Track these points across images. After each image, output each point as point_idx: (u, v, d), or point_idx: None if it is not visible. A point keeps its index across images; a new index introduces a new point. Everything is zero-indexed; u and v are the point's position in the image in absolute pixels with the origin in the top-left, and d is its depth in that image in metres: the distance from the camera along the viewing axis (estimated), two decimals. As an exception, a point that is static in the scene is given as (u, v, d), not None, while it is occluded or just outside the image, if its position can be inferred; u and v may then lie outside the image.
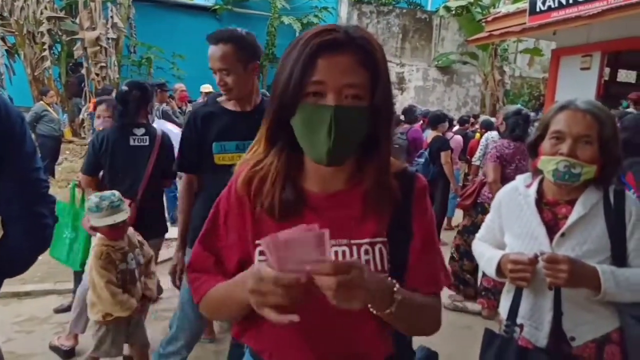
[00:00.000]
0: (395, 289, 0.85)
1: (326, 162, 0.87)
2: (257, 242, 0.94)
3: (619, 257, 1.40)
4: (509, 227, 1.59)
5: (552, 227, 1.47)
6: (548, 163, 1.43)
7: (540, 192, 1.54)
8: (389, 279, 0.87)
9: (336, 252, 0.92)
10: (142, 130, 2.83)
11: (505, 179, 3.52)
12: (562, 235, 1.43)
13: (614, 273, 1.35)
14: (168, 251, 4.81)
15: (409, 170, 1.02)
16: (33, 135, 1.42)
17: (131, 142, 2.79)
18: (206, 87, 7.74)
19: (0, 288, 1.29)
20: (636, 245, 1.40)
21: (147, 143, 2.82)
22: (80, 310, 2.83)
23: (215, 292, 0.96)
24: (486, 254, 1.65)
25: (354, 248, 0.93)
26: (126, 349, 2.76)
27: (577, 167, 1.38)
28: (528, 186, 1.57)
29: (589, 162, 1.38)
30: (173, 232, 4.87)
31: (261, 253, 0.93)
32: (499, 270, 1.55)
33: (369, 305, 0.82)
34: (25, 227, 1.20)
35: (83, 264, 2.87)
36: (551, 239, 1.44)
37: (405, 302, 0.85)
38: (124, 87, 2.89)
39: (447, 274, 1.04)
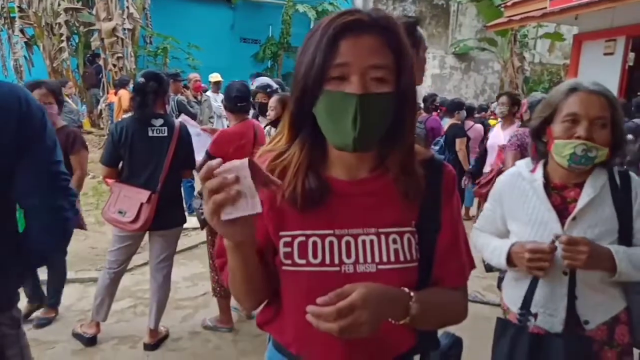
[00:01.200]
0: (411, 302, 0.84)
1: (352, 149, 0.84)
2: (281, 233, 0.93)
3: (626, 237, 1.40)
4: (514, 215, 1.55)
5: (561, 212, 1.44)
6: (564, 147, 1.39)
7: (546, 176, 1.51)
8: (406, 290, 0.86)
9: (364, 241, 0.91)
10: (160, 121, 2.83)
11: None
12: (574, 219, 1.41)
13: (627, 252, 1.35)
14: (188, 240, 4.87)
15: (436, 159, 0.99)
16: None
17: (150, 133, 2.80)
18: (214, 77, 7.71)
19: (24, 280, 1.31)
20: None
21: (165, 134, 2.83)
22: (102, 298, 2.89)
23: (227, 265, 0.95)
24: (491, 244, 1.61)
25: (382, 237, 0.91)
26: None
27: (594, 151, 1.36)
28: (532, 171, 1.54)
29: (603, 144, 1.37)
30: (191, 221, 4.93)
31: (286, 244, 0.92)
32: (509, 259, 1.51)
33: None
34: (45, 220, 1.22)
35: None
36: (562, 224, 1.43)
37: (423, 309, 0.85)
38: (141, 79, 2.90)
39: (472, 260, 1.03)
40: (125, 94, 7.33)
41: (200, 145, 3.25)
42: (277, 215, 0.93)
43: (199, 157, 3.08)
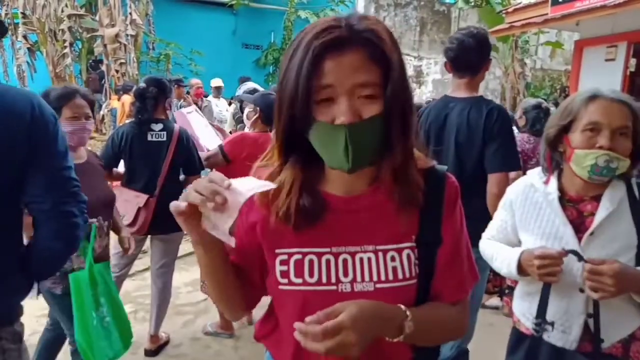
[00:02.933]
0: (405, 321, 0.82)
1: (348, 172, 0.83)
2: (276, 251, 0.92)
3: None
4: (526, 227, 1.50)
5: (578, 226, 1.39)
6: (585, 158, 1.32)
7: (560, 188, 1.45)
8: (402, 308, 0.84)
9: (362, 259, 0.88)
10: (159, 126, 2.85)
11: (526, 174, 3.48)
12: (592, 234, 1.36)
13: None
14: (189, 245, 4.86)
15: (438, 169, 0.94)
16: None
17: (149, 138, 2.82)
18: (216, 82, 7.69)
19: (31, 290, 1.30)
20: None
21: (164, 139, 2.84)
22: None
23: None
24: (501, 253, 1.56)
25: (380, 254, 0.88)
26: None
27: (615, 162, 1.30)
28: (545, 182, 1.48)
29: (626, 155, 1.32)
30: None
31: (282, 262, 0.90)
32: (520, 267, 1.46)
33: None
34: (55, 226, 1.22)
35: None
36: (579, 238, 1.37)
37: (419, 327, 0.83)
38: (142, 84, 2.92)
39: (475, 273, 0.99)
40: (128, 100, 7.34)
41: (208, 133, 3.35)
42: (272, 234, 0.91)
43: (205, 142, 3.19)
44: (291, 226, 0.88)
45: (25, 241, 1.29)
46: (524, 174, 3.51)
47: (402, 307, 0.84)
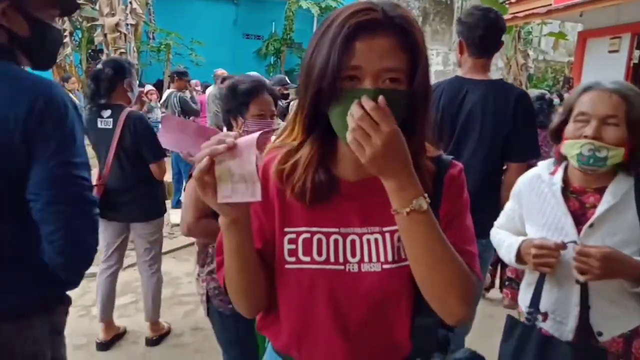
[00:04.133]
0: (418, 199, 0.79)
1: None
2: (285, 229, 0.92)
3: None
4: (531, 217, 1.51)
5: (579, 217, 1.38)
6: (572, 147, 1.34)
7: (565, 179, 1.45)
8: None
9: (369, 240, 0.90)
10: (108, 112, 2.72)
11: (529, 165, 3.47)
12: (591, 226, 1.35)
13: None
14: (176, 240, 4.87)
15: (444, 157, 0.96)
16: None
17: (99, 125, 2.73)
18: (222, 72, 7.61)
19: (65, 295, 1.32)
20: None
21: (110, 126, 2.71)
22: (98, 296, 2.91)
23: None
24: (506, 241, 1.58)
25: (387, 235, 0.90)
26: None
27: (603, 150, 1.29)
28: (552, 173, 1.49)
29: (616, 144, 1.29)
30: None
31: (290, 241, 0.91)
32: (519, 256, 1.48)
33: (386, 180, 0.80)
34: (53, 232, 1.10)
35: None
36: (579, 230, 1.36)
37: (426, 218, 0.80)
38: (99, 66, 2.80)
39: (477, 270, 0.93)
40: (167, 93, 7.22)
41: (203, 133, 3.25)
42: (284, 211, 0.92)
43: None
44: (305, 203, 0.89)
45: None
46: (528, 165, 3.54)
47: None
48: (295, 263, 0.90)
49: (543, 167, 1.54)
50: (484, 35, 2.10)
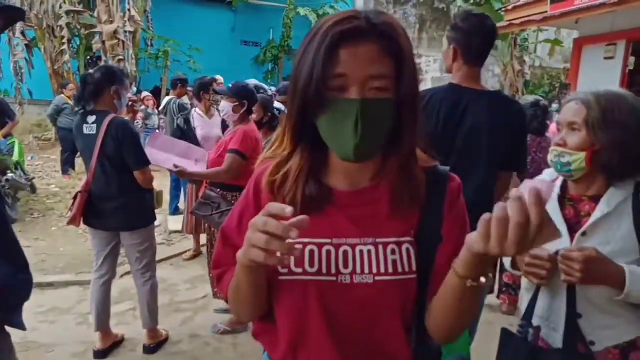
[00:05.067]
0: (486, 275, 0.77)
1: (354, 158, 0.83)
2: None
3: None
4: None
5: (573, 225, 1.38)
6: (549, 156, 1.42)
7: (564, 187, 1.47)
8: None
9: (361, 251, 0.89)
10: (93, 118, 2.69)
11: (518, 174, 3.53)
12: (584, 234, 1.34)
13: None
14: (187, 242, 4.87)
15: (440, 168, 0.95)
16: (54, 128, 1.35)
17: (84, 130, 2.70)
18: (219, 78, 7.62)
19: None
20: None
21: (94, 132, 2.68)
22: (92, 306, 2.89)
23: (232, 279, 0.92)
24: None
25: (380, 247, 0.89)
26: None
27: (565, 156, 1.35)
28: (553, 181, 1.50)
29: (576, 148, 1.33)
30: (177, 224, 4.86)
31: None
32: (514, 262, 1.49)
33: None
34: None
35: None
36: (572, 237, 1.36)
37: (479, 288, 0.79)
38: (90, 70, 2.79)
39: None
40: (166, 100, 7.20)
41: (190, 153, 3.25)
42: None
43: (184, 163, 3.07)
44: (296, 214, 0.89)
45: None
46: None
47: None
48: (287, 274, 0.89)
49: (547, 173, 1.55)
50: (482, 42, 2.03)
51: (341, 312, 0.88)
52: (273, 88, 5.13)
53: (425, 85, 14.56)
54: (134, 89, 8.83)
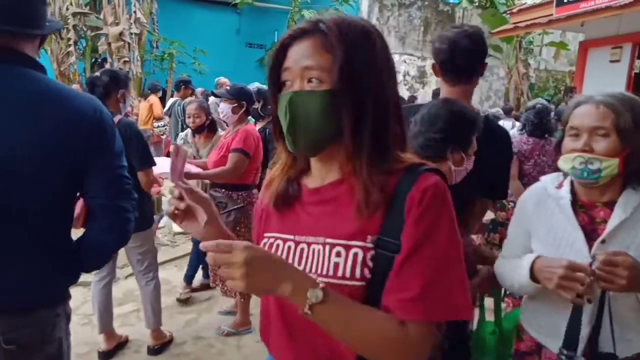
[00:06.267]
0: (312, 291, 0.75)
1: (292, 148, 0.88)
2: (265, 234, 0.99)
3: None
4: (537, 235, 1.44)
5: (590, 233, 1.32)
6: (566, 162, 1.34)
7: (573, 193, 1.40)
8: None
9: (314, 250, 0.88)
10: None
11: (524, 175, 3.52)
12: (603, 242, 1.29)
13: None
14: (191, 244, 4.88)
15: (416, 168, 0.86)
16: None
17: None
18: (223, 80, 7.60)
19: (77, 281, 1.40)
20: None
21: None
22: (95, 307, 2.90)
23: None
24: (507, 266, 1.48)
25: (327, 247, 0.86)
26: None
27: (595, 162, 1.27)
28: (558, 187, 1.43)
29: (607, 155, 1.27)
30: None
31: (264, 246, 0.97)
32: (532, 273, 1.34)
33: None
34: (110, 221, 1.33)
35: None
36: (590, 246, 1.30)
37: (333, 309, 0.76)
38: (96, 73, 2.85)
39: (455, 300, 0.81)
40: (157, 100, 7.24)
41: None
42: (266, 220, 1.02)
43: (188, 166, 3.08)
44: (277, 212, 0.98)
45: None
46: (523, 174, 3.52)
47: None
48: None
49: (548, 180, 1.49)
50: (448, 60, 1.84)
51: (292, 308, 0.84)
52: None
53: (430, 88, 14.55)
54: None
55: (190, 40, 12.84)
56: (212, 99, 7.46)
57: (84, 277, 4.10)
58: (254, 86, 3.69)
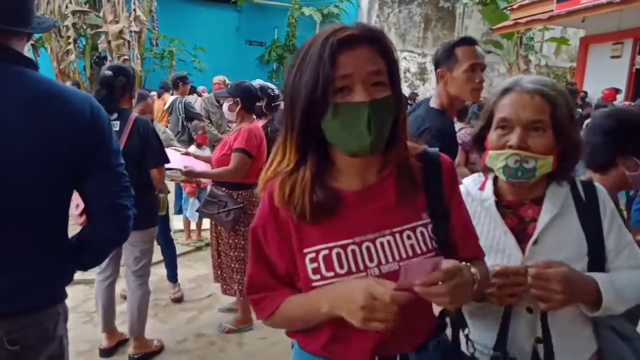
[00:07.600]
0: (475, 278, 0.94)
1: (369, 152, 0.91)
2: (304, 250, 0.96)
3: (597, 260, 1.15)
4: None
5: (520, 235, 1.19)
6: (496, 159, 1.17)
7: (497, 193, 1.25)
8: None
9: (382, 243, 0.96)
10: (114, 115, 2.69)
11: (471, 162, 3.72)
12: (535, 242, 1.16)
13: (611, 281, 1.11)
14: (192, 242, 4.88)
15: (430, 151, 1.05)
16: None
17: None
18: (219, 78, 7.55)
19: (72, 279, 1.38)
20: (615, 243, 1.17)
21: (117, 128, 2.66)
22: (98, 306, 2.91)
23: (290, 308, 0.99)
24: None
25: (397, 236, 0.97)
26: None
27: (530, 161, 1.13)
28: (481, 188, 1.28)
29: (544, 152, 1.13)
30: (192, 224, 4.89)
31: (312, 260, 0.95)
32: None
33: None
34: (110, 218, 1.33)
35: None
36: (522, 249, 1.17)
37: (479, 282, 0.96)
38: (108, 72, 2.80)
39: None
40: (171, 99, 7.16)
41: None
42: (299, 234, 0.98)
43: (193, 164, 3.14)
44: (309, 222, 0.95)
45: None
46: (471, 162, 3.54)
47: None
48: (320, 280, 0.95)
49: (469, 182, 1.32)
50: None
51: None
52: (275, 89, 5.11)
53: (430, 84, 14.53)
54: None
55: (190, 38, 12.84)
56: (206, 96, 7.41)
57: (85, 275, 4.11)
58: (256, 83, 3.66)
